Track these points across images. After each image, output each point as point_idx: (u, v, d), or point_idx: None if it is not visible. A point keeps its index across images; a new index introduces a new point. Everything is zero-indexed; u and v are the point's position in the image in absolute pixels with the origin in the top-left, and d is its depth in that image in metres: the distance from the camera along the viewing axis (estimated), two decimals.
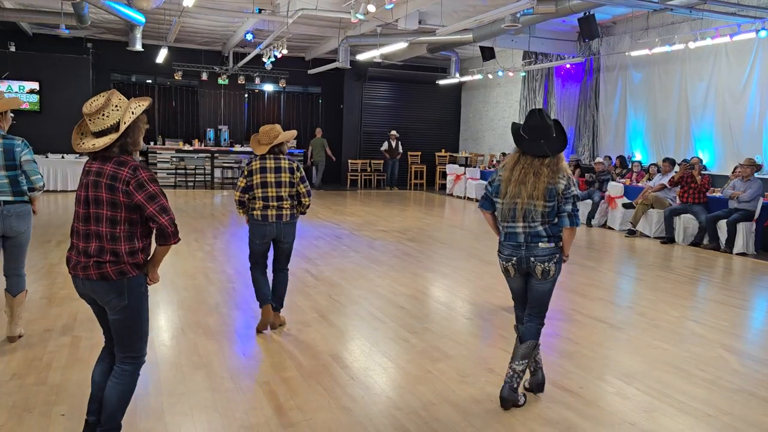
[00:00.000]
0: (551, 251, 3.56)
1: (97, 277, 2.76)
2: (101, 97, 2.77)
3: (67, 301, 5.51)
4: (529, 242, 3.56)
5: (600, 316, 5.64)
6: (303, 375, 4.03)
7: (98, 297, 2.83)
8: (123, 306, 2.81)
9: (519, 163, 3.57)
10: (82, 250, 2.80)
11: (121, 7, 10.46)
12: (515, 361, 3.64)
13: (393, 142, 18.04)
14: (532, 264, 3.57)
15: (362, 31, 12.71)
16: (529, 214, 3.53)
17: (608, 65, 13.54)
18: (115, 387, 2.90)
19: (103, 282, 2.76)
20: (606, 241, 10.05)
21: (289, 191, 4.74)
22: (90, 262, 2.76)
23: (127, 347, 2.91)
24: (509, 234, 3.62)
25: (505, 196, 3.58)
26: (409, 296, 6.15)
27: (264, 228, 4.73)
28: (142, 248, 2.86)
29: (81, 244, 2.81)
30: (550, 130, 3.56)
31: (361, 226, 10.64)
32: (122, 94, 2.85)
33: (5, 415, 3.33)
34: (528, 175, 3.50)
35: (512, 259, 3.62)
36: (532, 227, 3.55)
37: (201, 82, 17.23)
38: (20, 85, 14.39)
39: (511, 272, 3.67)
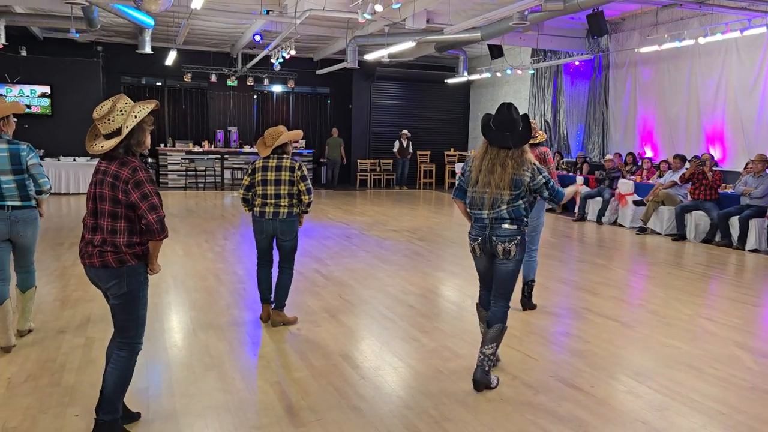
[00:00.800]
0: (513, 233, 3.80)
1: (100, 264, 3.02)
2: (109, 102, 2.99)
3: (80, 302, 5.56)
4: (493, 224, 3.82)
5: (611, 314, 5.62)
6: (314, 375, 4.05)
7: (101, 283, 3.08)
8: (122, 292, 3.05)
9: (487, 154, 3.83)
10: (89, 241, 3.07)
11: (130, 10, 10.53)
12: (485, 345, 3.84)
13: (404, 142, 18.06)
14: (494, 243, 3.81)
15: (370, 31, 12.73)
16: (496, 202, 3.79)
17: (617, 62, 13.46)
18: (112, 372, 3.11)
19: (104, 269, 3.02)
20: (617, 239, 10.00)
21: (288, 189, 4.83)
22: (95, 251, 3.02)
23: (124, 332, 3.13)
24: (477, 218, 3.90)
25: (476, 184, 3.85)
26: (419, 295, 6.15)
27: (261, 224, 4.89)
28: (140, 242, 3.06)
29: (88, 235, 3.08)
30: (516, 123, 3.79)
31: (370, 226, 10.65)
32: (132, 96, 2.99)
33: (20, 416, 3.36)
34: (495, 166, 3.76)
35: (478, 239, 3.88)
36: (496, 211, 3.81)
37: (210, 84, 17.30)
38: (32, 89, 14.52)
39: (477, 251, 3.92)
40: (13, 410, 3.43)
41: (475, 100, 19.37)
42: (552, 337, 5.01)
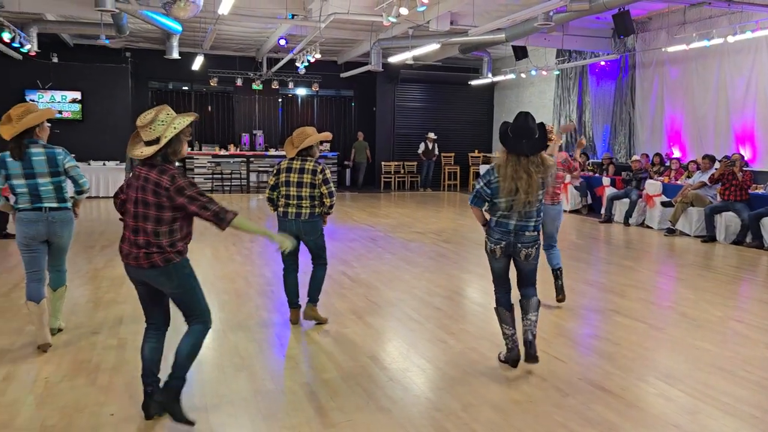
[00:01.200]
0: (534, 238, 4.12)
1: (148, 266, 3.22)
2: (152, 111, 3.19)
3: (113, 304, 5.68)
4: (518, 231, 4.06)
5: (639, 316, 5.57)
6: (342, 376, 4.08)
7: (151, 281, 3.29)
8: (174, 286, 3.30)
9: (509, 162, 3.97)
10: (133, 242, 3.25)
11: (158, 16, 10.71)
12: (530, 312, 4.18)
13: (429, 144, 18.07)
14: (518, 249, 4.09)
15: (394, 34, 12.76)
16: (524, 211, 4.01)
17: (644, 62, 13.31)
18: (186, 340, 3.36)
19: (153, 269, 3.23)
20: (644, 240, 9.88)
21: (310, 192, 4.92)
22: (140, 253, 3.22)
23: (193, 315, 3.39)
24: (501, 222, 4.09)
25: (503, 192, 3.98)
26: (445, 297, 6.16)
27: (285, 224, 4.99)
28: (181, 238, 3.30)
29: (132, 236, 3.26)
30: (533, 132, 3.94)
31: (395, 228, 10.67)
32: (159, 101, 3.13)
33: (57, 415, 3.45)
34: (520, 173, 3.92)
35: (501, 242, 4.10)
36: (523, 221, 4.05)
37: (236, 88, 17.49)
38: (63, 95, 14.84)
39: (498, 254, 4.15)
40: (51, 409, 3.52)
41: (499, 101, 19.29)
42: (580, 339, 4.98)
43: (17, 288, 6.14)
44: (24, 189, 4.33)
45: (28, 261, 4.44)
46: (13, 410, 3.49)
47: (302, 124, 18.30)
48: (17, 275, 6.64)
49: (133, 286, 3.46)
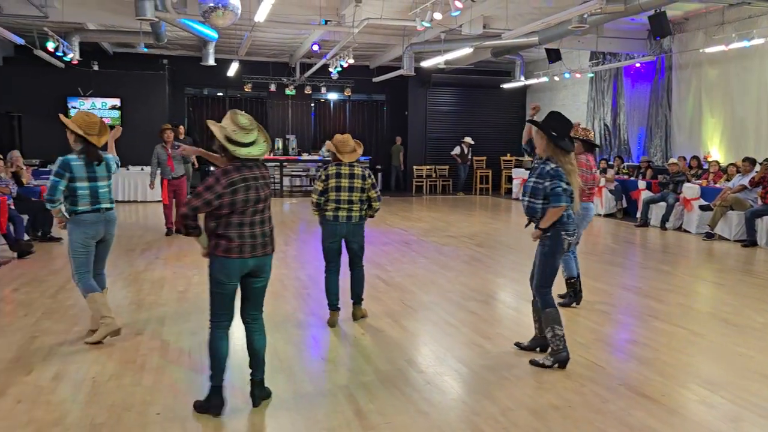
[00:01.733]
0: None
1: (271, 251, 3.64)
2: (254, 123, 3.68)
3: (155, 306, 5.82)
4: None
5: (679, 321, 5.49)
6: (380, 379, 4.12)
7: (263, 268, 3.61)
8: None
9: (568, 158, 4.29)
10: (262, 233, 3.56)
11: (195, 24, 10.94)
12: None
13: (465, 148, 18.06)
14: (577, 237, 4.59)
15: (426, 38, 12.80)
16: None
17: (681, 63, 13.10)
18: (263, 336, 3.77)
19: (271, 255, 3.65)
20: (682, 245, 9.72)
21: (359, 196, 5.08)
22: (268, 240, 3.61)
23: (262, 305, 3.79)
24: (570, 214, 4.31)
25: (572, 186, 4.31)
26: (481, 301, 6.15)
27: (335, 227, 5.10)
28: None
29: (258, 229, 3.54)
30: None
31: (428, 232, 10.69)
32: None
33: (105, 413, 3.57)
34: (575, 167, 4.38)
35: (574, 234, 4.38)
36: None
37: (269, 93, 17.74)
38: (103, 102, 15.24)
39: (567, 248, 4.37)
40: (99, 408, 3.63)
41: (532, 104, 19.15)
42: (618, 345, 4.94)
43: (63, 290, 6.33)
44: (86, 191, 4.63)
45: (85, 261, 4.69)
46: (63, 408, 3.62)
47: (334, 129, 18.45)
48: (63, 277, 6.85)
49: (172, 289, 3.56)
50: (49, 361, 4.38)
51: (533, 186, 4.24)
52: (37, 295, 6.17)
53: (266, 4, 8.19)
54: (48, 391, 3.86)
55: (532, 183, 4.26)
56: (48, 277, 6.93)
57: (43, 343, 4.75)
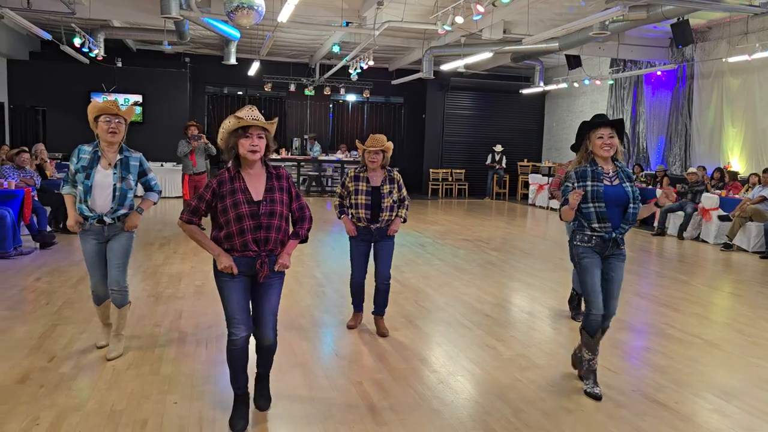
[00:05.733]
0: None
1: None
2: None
3: (172, 299, 5.91)
4: None
5: (694, 331, 5.47)
6: (394, 377, 4.16)
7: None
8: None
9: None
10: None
11: (218, 23, 11.08)
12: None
13: (497, 155, 18.10)
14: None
15: (446, 42, 12.84)
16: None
17: (703, 72, 13.01)
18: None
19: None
20: (699, 255, 9.65)
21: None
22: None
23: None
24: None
25: None
26: (495, 305, 6.17)
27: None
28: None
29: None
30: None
31: (443, 235, 10.71)
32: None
33: (125, 400, 3.64)
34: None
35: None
36: None
37: (288, 93, 17.87)
38: (125, 98, 15.42)
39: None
40: (120, 394, 3.71)
41: (551, 110, 19.12)
42: (632, 352, 4.93)
43: (83, 280, 6.45)
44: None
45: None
46: (84, 395, 3.70)
47: (352, 130, 18.49)
48: (83, 269, 6.94)
49: (190, 282, 3.61)
50: (69, 348, 4.47)
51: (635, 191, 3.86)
52: (59, 285, 6.29)
53: (290, 5, 8.28)
54: (69, 377, 3.95)
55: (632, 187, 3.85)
56: (69, 268, 7.06)
57: (64, 331, 4.85)
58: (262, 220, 3.26)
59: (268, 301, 3.39)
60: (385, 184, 4.93)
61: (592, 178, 3.80)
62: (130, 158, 4.32)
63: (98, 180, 4.16)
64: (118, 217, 4.24)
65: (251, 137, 3.24)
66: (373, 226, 4.92)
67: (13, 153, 9.07)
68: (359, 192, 4.90)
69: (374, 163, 4.87)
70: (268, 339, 3.43)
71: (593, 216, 3.82)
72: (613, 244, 3.86)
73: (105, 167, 4.20)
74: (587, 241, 3.88)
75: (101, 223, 4.19)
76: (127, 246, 4.31)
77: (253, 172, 3.32)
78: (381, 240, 5.00)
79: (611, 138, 3.80)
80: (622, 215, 3.84)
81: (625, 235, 3.99)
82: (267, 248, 3.31)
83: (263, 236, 3.28)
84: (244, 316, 3.33)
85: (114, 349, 4.36)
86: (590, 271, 3.86)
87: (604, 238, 3.84)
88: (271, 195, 3.30)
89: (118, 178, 4.20)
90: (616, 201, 3.80)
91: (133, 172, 4.31)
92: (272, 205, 3.29)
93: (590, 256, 3.88)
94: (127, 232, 4.30)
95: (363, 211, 4.89)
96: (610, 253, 3.90)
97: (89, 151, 4.21)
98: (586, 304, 3.95)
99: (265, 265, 3.30)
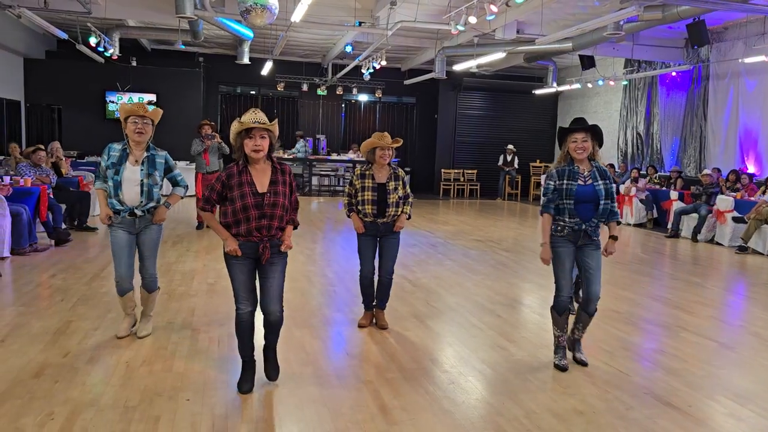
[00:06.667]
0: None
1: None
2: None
3: (185, 297, 5.95)
4: None
5: (708, 333, 5.42)
6: (405, 377, 4.17)
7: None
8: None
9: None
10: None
11: (232, 23, 11.13)
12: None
13: (509, 156, 18.06)
14: None
15: (459, 42, 12.82)
16: None
17: (719, 73, 12.89)
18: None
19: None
20: (713, 257, 9.57)
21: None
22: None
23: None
24: None
25: None
26: (506, 305, 6.16)
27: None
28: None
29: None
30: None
31: (455, 235, 10.70)
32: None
33: (138, 396, 3.67)
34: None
35: None
36: None
37: (301, 93, 17.93)
38: (140, 97, 15.55)
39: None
40: (132, 391, 3.74)
41: (563, 111, 19.04)
42: (645, 353, 4.90)
43: (98, 278, 6.52)
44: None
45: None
46: (97, 390, 3.73)
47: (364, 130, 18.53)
48: (97, 266, 7.05)
49: (203, 280, 3.66)
50: (84, 344, 4.52)
51: (609, 189, 4.22)
52: (73, 282, 6.35)
53: (303, 5, 8.31)
54: (83, 372, 3.99)
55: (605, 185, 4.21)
56: (83, 265, 7.13)
57: (78, 327, 4.90)
58: (266, 210, 3.66)
59: (273, 279, 3.79)
60: (390, 180, 5.03)
61: (567, 177, 4.21)
62: (156, 156, 4.61)
63: (126, 176, 4.47)
64: (147, 210, 4.55)
65: (254, 138, 3.60)
66: (380, 221, 5.01)
67: (29, 151, 9.17)
68: (365, 188, 5.00)
69: (385, 159, 4.97)
70: (275, 313, 3.80)
71: (565, 211, 4.23)
72: (584, 235, 4.24)
73: (133, 164, 4.49)
74: (560, 230, 4.27)
75: (132, 215, 4.50)
76: (157, 239, 4.68)
77: (259, 167, 3.71)
78: (387, 236, 5.08)
79: (584, 142, 4.19)
80: (594, 210, 4.21)
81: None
82: (269, 234, 3.72)
83: (266, 224, 3.69)
84: (247, 294, 3.77)
85: (143, 329, 4.76)
86: (561, 259, 4.28)
87: (574, 229, 4.22)
88: (275, 188, 3.69)
89: (144, 174, 4.51)
90: (585, 198, 4.18)
91: (159, 168, 4.59)
92: (275, 197, 3.68)
93: (563, 245, 4.27)
94: (156, 225, 4.63)
95: (370, 207, 4.98)
96: (582, 242, 4.27)
97: (118, 149, 4.52)
98: (556, 287, 4.36)
99: (267, 249, 3.71)
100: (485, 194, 18.67)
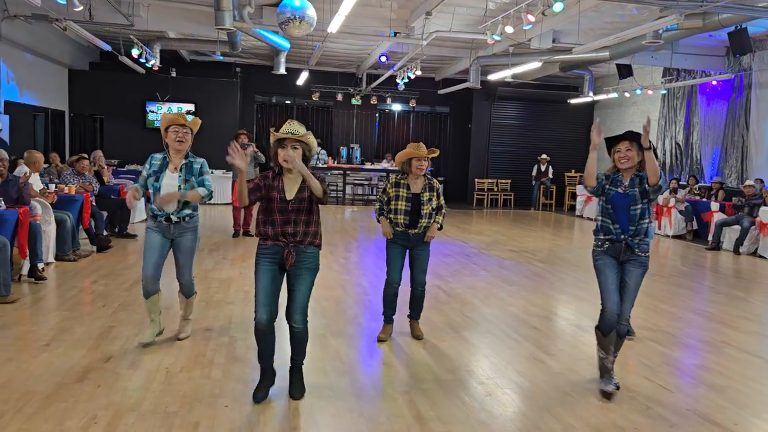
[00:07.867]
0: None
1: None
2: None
3: (223, 304, 6.03)
4: None
5: (754, 350, 5.27)
6: (441, 387, 4.15)
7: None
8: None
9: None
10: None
11: (269, 34, 11.30)
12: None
13: (543, 166, 17.93)
14: None
15: (494, 51, 12.77)
16: None
17: (761, 81, 12.58)
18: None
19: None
20: (757, 271, 9.30)
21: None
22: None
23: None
24: None
25: None
26: (543, 317, 6.08)
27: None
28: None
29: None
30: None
31: (489, 246, 10.63)
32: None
33: (178, 403, 3.73)
34: None
35: None
36: None
37: (336, 103, 18.06)
38: (179, 107, 15.87)
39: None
40: (172, 397, 3.80)
41: (600, 120, 18.74)
42: (688, 370, 4.79)
43: (138, 284, 6.57)
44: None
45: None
46: (138, 396, 3.80)
47: (398, 139, 18.55)
48: (137, 272, 7.18)
49: (239, 288, 3.69)
50: (125, 350, 4.61)
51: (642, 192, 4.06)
52: (114, 288, 6.50)
53: (340, 16, 8.39)
54: (125, 378, 4.07)
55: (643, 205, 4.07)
56: (124, 271, 7.29)
57: (119, 332, 5.01)
58: (290, 216, 3.76)
59: (298, 290, 3.80)
60: (425, 191, 5.00)
61: (611, 183, 4.18)
62: (194, 162, 4.74)
63: (165, 183, 4.59)
64: (183, 216, 4.65)
65: (286, 148, 3.70)
66: (411, 231, 4.97)
67: (73, 159, 9.43)
68: (399, 198, 4.97)
69: (421, 170, 4.95)
70: (297, 323, 3.80)
71: (607, 215, 4.14)
72: (626, 248, 4.07)
73: (172, 171, 4.65)
74: (600, 245, 4.17)
75: (168, 221, 4.62)
76: (192, 247, 4.81)
77: (291, 175, 3.81)
78: (417, 246, 5.04)
79: (628, 151, 4.18)
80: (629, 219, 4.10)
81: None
82: (295, 240, 3.78)
83: (291, 230, 3.77)
84: (267, 300, 3.72)
85: (183, 331, 4.96)
86: (603, 272, 4.12)
87: (613, 240, 4.09)
88: (301, 195, 3.77)
89: (182, 180, 4.64)
90: (621, 205, 4.10)
91: (196, 174, 4.70)
92: (300, 204, 3.77)
93: (603, 259, 4.14)
94: (191, 233, 4.74)
95: (402, 217, 4.95)
96: (625, 258, 4.09)
97: (160, 158, 4.68)
98: (602, 303, 4.12)
99: (291, 255, 3.75)
100: (519, 204, 18.51)
